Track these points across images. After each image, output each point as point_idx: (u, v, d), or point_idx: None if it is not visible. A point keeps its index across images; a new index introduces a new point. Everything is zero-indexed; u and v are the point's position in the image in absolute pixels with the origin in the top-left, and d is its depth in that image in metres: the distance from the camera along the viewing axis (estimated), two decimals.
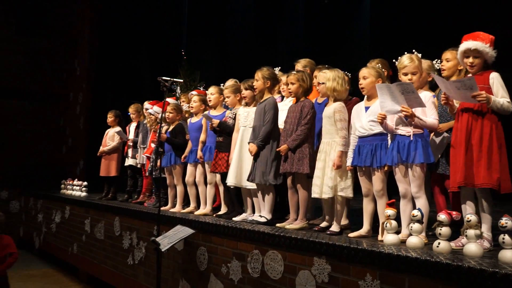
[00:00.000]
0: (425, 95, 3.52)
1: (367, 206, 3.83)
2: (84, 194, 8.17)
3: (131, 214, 5.99)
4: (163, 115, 5.54)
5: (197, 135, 5.49)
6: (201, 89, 6.59)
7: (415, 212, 3.26)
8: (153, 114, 6.44)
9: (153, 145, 6.13)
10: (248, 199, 4.83)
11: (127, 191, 7.26)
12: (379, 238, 3.55)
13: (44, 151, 11.59)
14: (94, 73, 10.84)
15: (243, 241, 4.15)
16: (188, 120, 5.81)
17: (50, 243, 8.84)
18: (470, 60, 3.29)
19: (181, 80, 6.32)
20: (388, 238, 3.34)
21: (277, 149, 4.35)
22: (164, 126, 5.91)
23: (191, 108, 5.68)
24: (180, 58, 8.70)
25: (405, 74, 3.59)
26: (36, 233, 9.57)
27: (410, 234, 3.25)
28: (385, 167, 3.64)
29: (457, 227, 3.24)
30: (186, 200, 5.87)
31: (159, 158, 5.52)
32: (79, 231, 7.47)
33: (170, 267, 5.08)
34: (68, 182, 8.90)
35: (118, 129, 7.47)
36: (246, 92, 4.85)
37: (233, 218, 4.78)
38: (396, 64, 3.68)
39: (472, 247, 2.88)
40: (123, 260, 6.05)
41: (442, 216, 3.08)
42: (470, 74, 3.32)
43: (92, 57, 10.85)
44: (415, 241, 3.18)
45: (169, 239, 4.51)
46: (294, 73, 4.44)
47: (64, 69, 12.01)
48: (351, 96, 4.46)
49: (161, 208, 4.89)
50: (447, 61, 3.88)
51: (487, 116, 3.19)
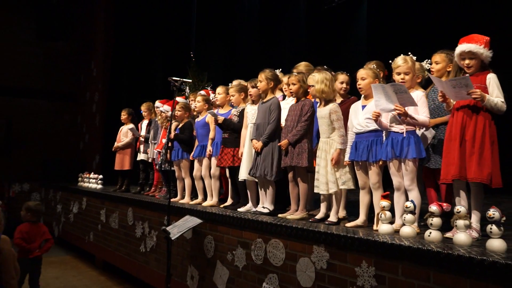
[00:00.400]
0: (417, 94, 3.51)
1: (363, 198, 3.83)
2: (100, 187, 8.19)
3: (143, 205, 6.01)
4: (173, 113, 5.55)
5: (202, 132, 5.52)
6: (209, 89, 6.58)
7: (408, 204, 3.26)
8: (164, 112, 6.46)
9: (164, 141, 6.14)
10: (252, 191, 4.82)
11: (140, 184, 7.28)
12: (374, 228, 3.54)
13: (63, 147, 11.66)
14: (109, 74, 10.87)
15: (247, 230, 4.15)
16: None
17: (68, 232, 8.88)
18: (467, 62, 3.27)
19: (190, 80, 6.32)
20: (383, 228, 3.33)
21: (278, 144, 4.36)
22: (174, 123, 5.91)
23: (196, 108, 5.69)
24: (189, 60, 8.68)
25: (398, 74, 3.59)
26: (55, 223, 9.61)
27: (403, 224, 3.25)
28: (380, 162, 3.64)
29: (448, 218, 3.23)
30: (194, 192, 5.88)
31: (169, 153, 5.52)
32: (95, 221, 7.50)
33: (180, 255, 5.09)
34: (85, 175, 8.93)
35: (131, 126, 7.49)
36: (253, 91, 4.84)
37: (238, 209, 4.78)
38: (391, 64, 3.68)
39: (462, 237, 2.87)
40: (136, 248, 6.08)
41: (434, 208, 3.08)
42: (468, 74, 3.30)
43: (107, 60, 10.88)
44: (408, 231, 3.17)
45: (179, 228, 4.52)
46: (295, 74, 4.43)
47: (81, 71, 12.05)
48: (350, 95, 4.45)
49: (171, 200, 4.89)
50: (436, 64, 3.87)
51: (481, 114, 3.17)
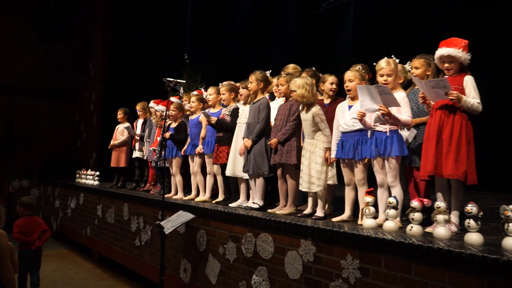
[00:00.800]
0: (400, 95, 3.51)
1: (349, 194, 3.83)
2: (97, 183, 8.14)
3: (138, 201, 5.97)
4: (167, 113, 5.52)
5: (195, 130, 5.48)
6: (201, 90, 6.55)
7: (391, 200, 3.26)
8: (159, 112, 6.41)
9: (159, 139, 6.10)
10: (243, 188, 4.81)
11: (135, 180, 7.23)
12: (359, 222, 3.54)
13: (62, 145, 11.58)
14: (106, 75, 10.79)
15: (238, 225, 4.14)
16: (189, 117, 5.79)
17: (66, 227, 8.80)
18: (446, 65, 3.28)
19: (184, 81, 6.29)
20: (367, 222, 3.33)
21: (268, 143, 4.35)
22: (168, 122, 5.88)
23: (191, 107, 5.66)
24: (183, 62, 8.65)
25: (381, 76, 3.59)
26: (54, 218, 9.53)
27: (386, 219, 3.25)
28: (365, 160, 3.64)
29: (428, 213, 3.24)
30: (188, 188, 5.85)
31: (163, 150, 5.49)
32: (92, 216, 7.45)
33: (173, 248, 5.07)
34: (82, 172, 8.86)
35: (127, 125, 7.43)
36: (244, 91, 4.83)
37: (229, 205, 4.76)
38: (375, 67, 3.68)
39: (441, 231, 2.87)
40: (131, 242, 6.04)
41: (415, 203, 3.08)
42: (447, 76, 3.31)
43: (105, 61, 10.80)
44: (391, 225, 3.17)
45: (172, 223, 4.49)
46: (284, 76, 4.42)
47: (80, 71, 11.96)
48: (338, 96, 4.42)
49: (165, 196, 4.86)
50: (416, 69, 3.86)
51: (458, 114, 3.17)
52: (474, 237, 2.71)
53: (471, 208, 2.77)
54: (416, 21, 8.36)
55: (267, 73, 4.89)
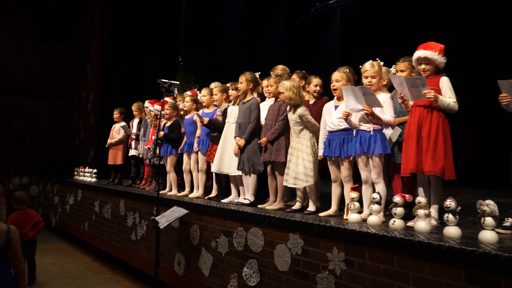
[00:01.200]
0: (383, 97, 3.53)
1: (335, 190, 3.85)
2: (94, 180, 8.06)
3: (134, 197, 5.94)
4: (162, 112, 5.49)
5: (190, 129, 5.45)
6: (195, 90, 6.53)
7: (375, 195, 3.28)
8: (153, 111, 6.38)
9: (154, 138, 6.07)
10: (234, 184, 4.80)
11: (131, 177, 7.19)
12: (345, 217, 3.55)
13: (60, 143, 11.48)
14: (103, 76, 10.69)
15: (230, 220, 4.14)
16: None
17: (65, 222, 8.73)
18: (423, 67, 3.30)
19: (178, 82, 6.26)
20: (352, 217, 3.35)
21: (258, 141, 4.35)
22: (163, 121, 5.85)
23: (185, 107, 5.63)
24: (178, 64, 8.60)
25: (366, 77, 3.60)
26: (53, 213, 9.44)
27: (371, 214, 3.27)
28: (351, 158, 3.65)
29: (410, 208, 3.26)
30: (182, 185, 5.83)
31: (158, 148, 5.46)
32: (90, 212, 7.39)
33: (168, 242, 5.05)
34: (80, 170, 8.78)
35: (123, 124, 7.38)
36: (232, 92, 4.83)
37: (222, 200, 4.76)
38: (360, 69, 3.69)
39: (422, 225, 2.90)
40: (127, 236, 6.01)
41: (397, 199, 3.10)
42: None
43: (102, 62, 10.70)
44: (375, 220, 3.19)
45: (167, 218, 4.47)
46: (274, 77, 4.43)
47: (78, 72, 11.85)
48: (322, 96, 4.45)
49: (160, 192, 4.84)
50: (402, 72, 3.86)
51: (436, 113, 3.20)
52: (453, 231, 2.73)
53: (450, 203, 2.79)
54: (399, 26, 8.44)
55: (257, 74, 4.89)
